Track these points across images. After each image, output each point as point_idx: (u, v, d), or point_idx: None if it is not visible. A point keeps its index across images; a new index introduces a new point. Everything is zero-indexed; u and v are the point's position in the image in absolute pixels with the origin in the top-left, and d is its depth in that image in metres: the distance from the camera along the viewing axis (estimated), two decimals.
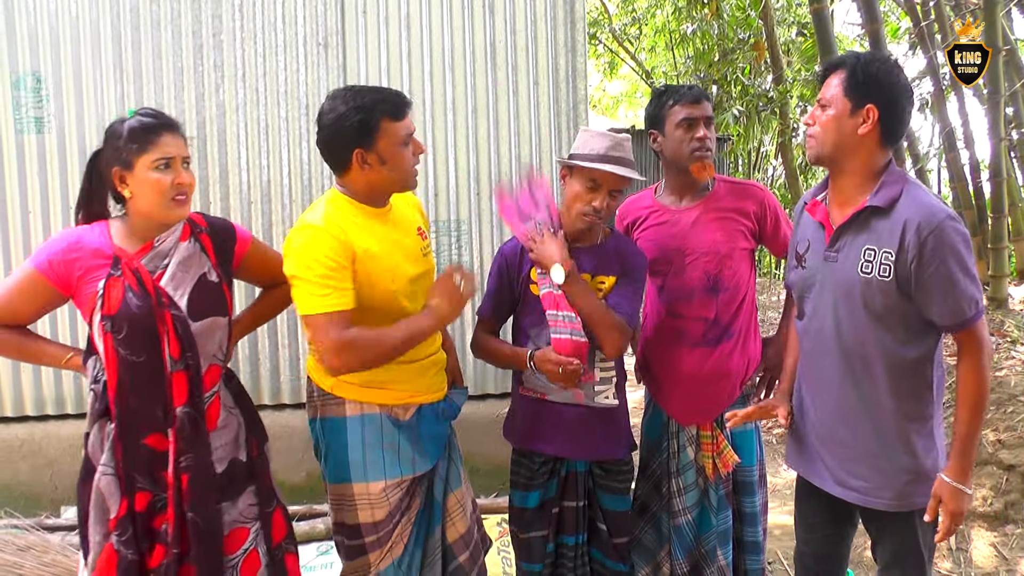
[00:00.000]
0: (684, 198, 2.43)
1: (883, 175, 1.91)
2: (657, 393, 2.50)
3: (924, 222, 1.78)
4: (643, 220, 2.51)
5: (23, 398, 3.78)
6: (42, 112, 3.68)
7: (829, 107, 1.91)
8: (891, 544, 2.00)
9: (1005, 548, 3.38)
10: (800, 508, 2.23)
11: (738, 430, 2.38)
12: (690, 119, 2.34)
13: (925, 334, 1.89)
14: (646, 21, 12.79)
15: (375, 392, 2.12)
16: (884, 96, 1.86)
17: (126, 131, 1.87)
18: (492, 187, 3.94)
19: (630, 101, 20.30)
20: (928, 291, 1.80)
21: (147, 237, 1.95)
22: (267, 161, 3.80)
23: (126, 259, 1.90)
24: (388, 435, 2.13)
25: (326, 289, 1.93)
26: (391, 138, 2.01)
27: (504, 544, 3.45)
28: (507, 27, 3.89)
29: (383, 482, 2.11)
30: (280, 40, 3.77)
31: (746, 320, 2.40)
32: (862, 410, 1.94)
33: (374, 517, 2.13)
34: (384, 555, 2.15)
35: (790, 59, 10.47)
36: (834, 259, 1.94)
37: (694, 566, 2.41)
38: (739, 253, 2.35)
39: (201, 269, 1.99)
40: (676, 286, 2.38)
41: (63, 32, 3.66)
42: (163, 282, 1.92)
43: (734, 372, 2.35)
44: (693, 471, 2.39)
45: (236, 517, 2.04)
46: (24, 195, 3.69)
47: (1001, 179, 5.35)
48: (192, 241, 2.00)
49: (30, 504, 3.66)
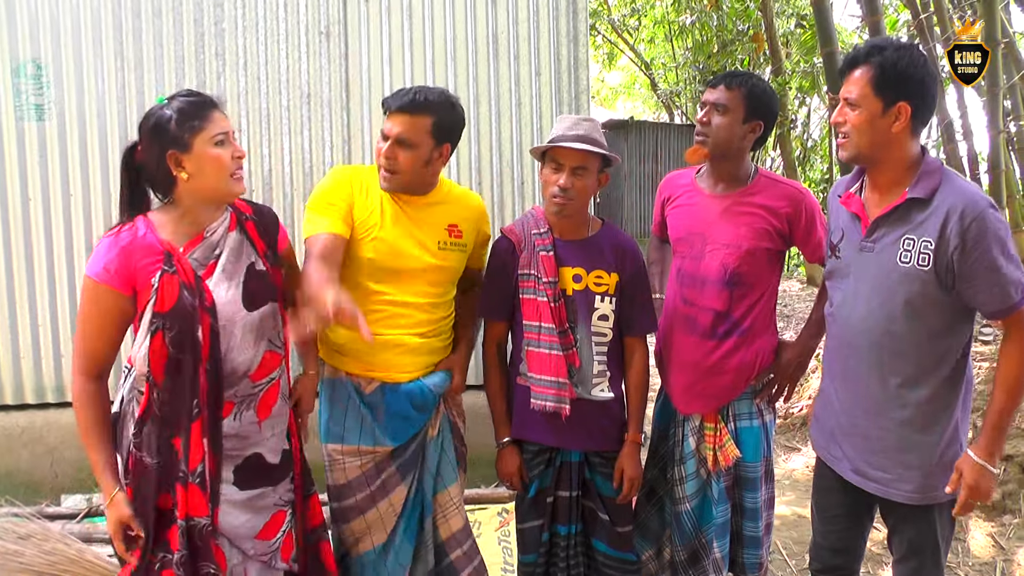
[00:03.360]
0: (719, 184, 2.38)
1: (920, 165, 1.90)
2: (663, 377, 2.51)
3: (967, 210, 1.78)
4: (676, 198, 2.48)
5: (23, 386, 3.78)
6: (43, 99, 3.66)
7: (858, 107, 1.88)
8: (908, 536, 2.02)
9: (1002, 538, 3.40)
10: (819, 500, 2.23)
11: (743, 425, 2.37)
12: (703, 103, 2.35)
13: (957, 327, 1.89)
14: (645, 12, 12.78)
15: (339, 359, 2.24)
16: (914, 92, 1.84)
17: (176, 113, 1.80)
18: (493, 177, 3.95)
19: (628, 92, 20.29)
20: (972, 279, 1.80)
21: (196, 226, 1.88)
22: (268, 150, 3.80)
23: (177, 254, 1.83)
24: (352, 403, 2.22)
25: (323, 217, 2.11)
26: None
27: (505, 534, 3.47)
28: (509, 17, 3.89)
29: (340, 446, 2.21)
30: (282, 29, 3.76)
31: (761, 320, 2.34)
32: (886, 403, 1.95)
33: (338, 480, 2.23)
34: (365, 532, 2.22)
35: (789, 51, 10.47)
36: (870, 249, 1.94)
37: (692, 555, 2.41)
38: (762, 252, 2.29)
39: (249, 259, 1.95)
40: (692, 272, 2.35)
41: (64, 19, 3.64)
42: (216, 274, 1.87)
43: (737, 369, 2.32)
44: (694, 461, 2.39)
45: (276, 500, 2.02)
46: (24, 183, 3.67)
47: (999, 171, 5.36)
48: (239, 231, 1.95)
49: (30, 492, 3.66)
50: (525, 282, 2.30)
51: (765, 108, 2.27)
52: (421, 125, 2.10)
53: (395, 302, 2.19)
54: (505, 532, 3.49)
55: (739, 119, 2.26)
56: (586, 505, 2.41)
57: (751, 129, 2.28)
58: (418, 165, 2.13)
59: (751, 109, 2.26)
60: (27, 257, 3.71)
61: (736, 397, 2.36)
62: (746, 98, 2.25)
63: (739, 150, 2.31)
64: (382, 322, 2.17)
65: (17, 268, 3.71)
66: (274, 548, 2.00)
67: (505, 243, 2.36)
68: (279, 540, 2.01)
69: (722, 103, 2.26)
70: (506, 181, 3.96)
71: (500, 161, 3.94)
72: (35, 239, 3.70)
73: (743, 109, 2.25)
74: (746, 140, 2.29)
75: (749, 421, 2.38)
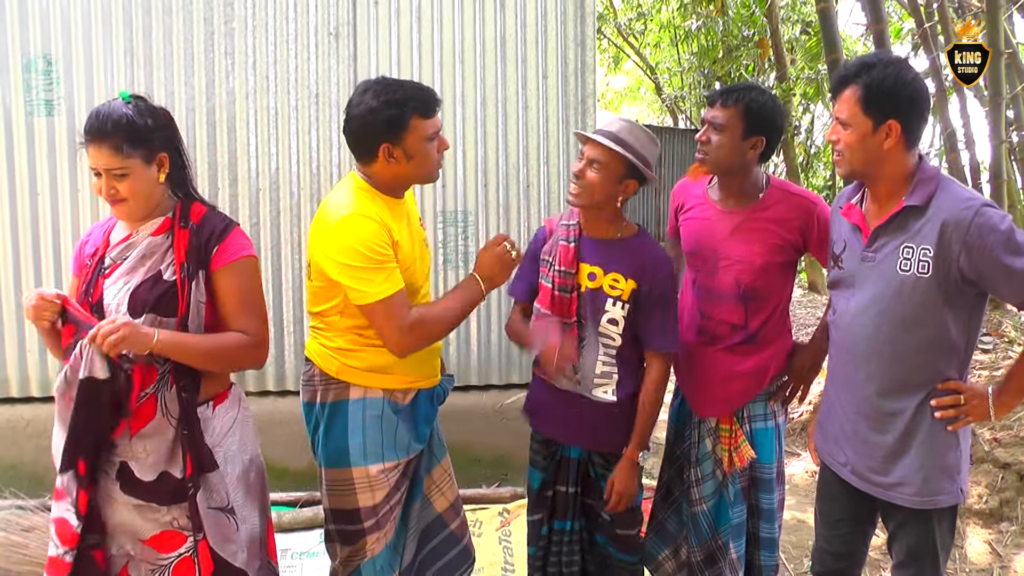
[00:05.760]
0: (730, 199, 2.36)
1: (916, 174, 1.92)
2: (680, 380, 2.53)
3: (964, 215, 1.80)
4: (689, 208, 2.48)
5: (28, 379, 3.80)
6: (52, 95, 3.69)
7: (849, 126, 1.91)
8: (908, 542, 2.03)
9: (1000, 545, 3.42)
10: (822, 506, 2.25)
11: (758, 427, 2.39)
12: (703, 120, 2.35)
13: (958, 335, 1.91)
14: (651, 16, 12.80)
15: (379, 377, 2.14)
16: (903, 109, 1.86)
17: (169, 116, 2.00)
18: (499, 179, 3.97)
19: (633, 96, 20.30)
20: (988, 279, 1.83)
21: (131, 227, 1.97)
22: (276, 149, 3.82)
23: (98, 250, 1.98)
24: (387, 419, 2.16)
25: (384, 273, 1.98)
26: (419, 134, 2.03)
27: (505, 534, 3.49)
28: (517, 21, 3.91)
29: (381, 464, 2.14)
30: (292, 29, 3.79)
31: (775, 328, 2.36)
32: (888, 409, 1.97)
33: (374, 500, 2.15)
34: (380, 539, 2.19)
35: (794, 57, 10.50)
36: (872, 259, 1.96)
37: (708, 556, 2.43)
38: (775, 267, 2.30)
39: (158, 267, 1.92)
40: (707, 287, 2.36)
41: (74, 14, 3.66)
42: (113, 274, 1.93)
43: (752, 373, 2.34)
44: (711, 462, 2.41)
45: (169, 520, 1.95)
46: (33, 177, 3.69)
47: (1001, 181, 5.39)
48: (166, 236, 1.95)
49: (35, 485, 3.67)
50: (542, 267, 2.35)
51: (766, 122, 2.24)
52: None
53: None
54: (506, 532, 3.50)
55: (737, 137, 2.23)
56: (587, 503, 2.43)
57: (752, 145, 2.25)
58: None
59: (750, 125, 2.23)
60: (35, 251, 3.73)
61: (751, 399, 2.39)
62: (744, 115, 2.22)
63: (742, 166, 2.29)
64: None
65: (24, 262, 3.73)
66: (163, 563, 1.95)
67: (541, 231, 2.45)
68: (171, 560, 1.96)
69: (719, 122, 2.24)
70: (512, 183, 3.98)
71: (506, 163, 3.97)
72: (43, 233, 3.73)
73: (742, 126, 2.23)
74: (748, 156, 2.27)
75: (764, 422, 2.40)
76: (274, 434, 3.82)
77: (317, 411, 2.18)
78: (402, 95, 2.00)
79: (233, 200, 3.81)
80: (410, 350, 2.07)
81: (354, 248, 1.96)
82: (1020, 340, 4.78)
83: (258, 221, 3.84)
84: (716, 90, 2.37)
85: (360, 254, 1.96)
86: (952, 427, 1.92)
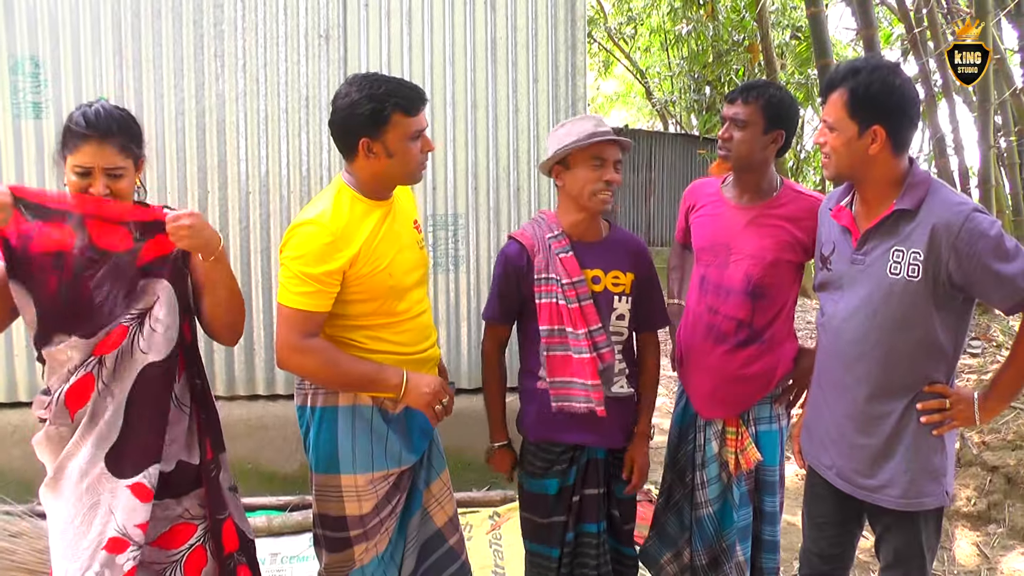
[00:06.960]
0: (745, 195, 2.40)
1: (907, 178, 1.93)
2: (684, 382, 2.53)
3: (954, 220, 1.81)
4: (702, 207, 2.50)
5: (16, 384, 3.78)
6: (40, 97, 3.67)
7: (836, 129, 1.92)
8: (894, 544, 2.04)
9: (987, 547, 3.44)
10: (809, 508, 2.26)
11: (763, 429, 2.40)
12: (723, 118, 2.39)
13: (947, 339, 1.91)
14: (641, 21, 12.84)
15: None
16: (888, 114, 1.87)
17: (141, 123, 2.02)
18: (490, 182, 3.97)
19: (623, 101, 20.36)
20: (980, 284, 1.83)
21: None
22: (266, 152, 3.81)
23: None
24: (377, 428, 2.13)
25: (306, 287, 1.95)
26: (400, 132, 2.00)
27: (496, 537, 3.48)
28: (508, 24, 3.91)
29: (370, 474, 2.12)
30: (281, 31, 3.78)
31: (781, 329, 2.38)
32: (874, 412, 1.97)
33: (361, 510, 2.13)
34: (369, 549, 2.17)
35: (784, 62, 10.55)
36: (861, 262, 1.97)
37: (713, 559, 2.43)
38: (784, 264, 2.32)
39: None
40: (716, 281, 2.37)
41: (62, 15, 3.64)
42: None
43: (758, 376, 2.35)
44: (716, 465, 2.41)
45: (180, 513, 1.99)
46: (21, 181, 3.66)
47: (990, 186, 5.44)
48: None
49: (22, 490, 3.64)
50: (541, 287, 2.27)
51: (785, 116, 2.30)
52: None
53: (420, 313, 2.21)
54: (496, 535, 3.50)
55: (759, 131, 2.28)
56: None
57: (772, 139, 2.30)
58: None
59: (771, 119, 2.27)
60: None
61: (757, 402, 2.39)
62: (764, 109, 2.26)
63: (762, 161, 2.34)
64: (422, 339, 2.22)
65: None
66: (174, 559, 1.96)
67: (515, 248, 2.33)
68: (182, 553, 1.97)
69: (741, 118, 2.28)
70: (502, 187, 3.98)
71: (497, 167, 3.97)
72: None
73: (763, 121, 2.27)
74: (768, 151, 2.32)
75: (769, 425, 2.41)
76: (264, 438, 3.81)
77: (307, 415, 2.16)
78: (385, 90, 1.97)
79: (223, 203, 3.79)
80: (287, 369, 2.05)
81: (292, 252, 1.98)
82: (1008, 344, 4.81)
83: (248, 224, 3.82)
84: (736, 88, 2.39)
85: (293, 259, 1.97)
86: (937, 431, 1.93)
